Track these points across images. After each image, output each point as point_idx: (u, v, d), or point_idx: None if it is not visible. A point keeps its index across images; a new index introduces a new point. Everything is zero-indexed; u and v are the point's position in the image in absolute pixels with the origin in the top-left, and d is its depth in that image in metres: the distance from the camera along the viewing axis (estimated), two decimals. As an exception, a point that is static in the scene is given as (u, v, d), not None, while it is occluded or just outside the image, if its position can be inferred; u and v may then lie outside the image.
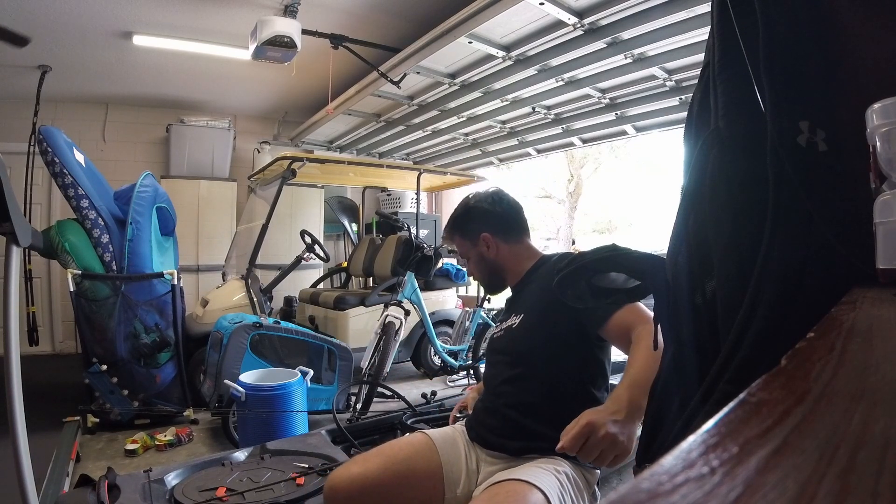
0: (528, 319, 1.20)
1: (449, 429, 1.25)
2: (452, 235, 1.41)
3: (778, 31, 0.61)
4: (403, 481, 1.06)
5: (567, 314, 1.09)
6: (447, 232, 1.42)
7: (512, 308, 1.32)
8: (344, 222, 5.19)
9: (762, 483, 0.15)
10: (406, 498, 1.06)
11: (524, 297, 1.29)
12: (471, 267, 1.39)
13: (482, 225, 1.35)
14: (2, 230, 1.32)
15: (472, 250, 1.36)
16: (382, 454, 1.12)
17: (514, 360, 1.18)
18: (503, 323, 1.31)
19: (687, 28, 2.29)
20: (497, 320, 1.49)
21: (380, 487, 1.04)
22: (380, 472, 1.06)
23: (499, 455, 1.11)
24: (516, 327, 1.21)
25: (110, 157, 4.61)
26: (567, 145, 4.39)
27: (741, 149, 0.64)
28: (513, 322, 1.24)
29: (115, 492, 1.39)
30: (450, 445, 1.15)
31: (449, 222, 1.41)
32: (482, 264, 1.36)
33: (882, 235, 0.50)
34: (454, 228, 1.40)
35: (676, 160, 5.79)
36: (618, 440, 0.86)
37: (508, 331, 1.24)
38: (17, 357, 1.39)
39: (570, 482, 1.00)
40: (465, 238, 1.37)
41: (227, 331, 2.59)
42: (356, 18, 3.08)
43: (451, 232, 1.41)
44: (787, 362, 0.30)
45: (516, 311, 1.27)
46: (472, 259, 1.37)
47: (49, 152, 2.60)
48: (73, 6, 2.90)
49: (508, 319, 1.28)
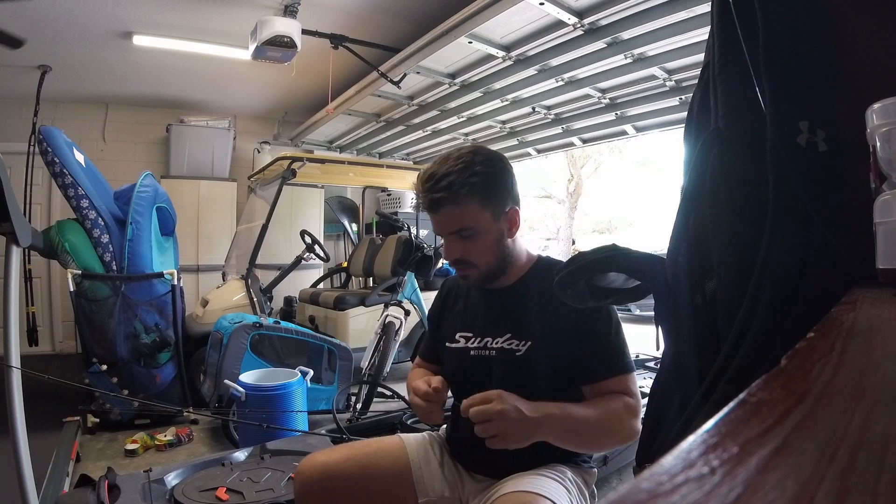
0: (537, 349, 0.98)
1: (421, 435, 1.16)
2: (461, 199, 0.96)
3: (778, 31, 0.61)
4: (365, 473, 1.02)
5: (576, 353, 0.98)
6: (448, 190, 0.95)
7: (502, 322, 1.04)
8: (344, 222, 5.19)
9: (762, 483, 0.15)
10: (371, 492, 1.02)
11: (525, 312, 1.02)
12: (475, 249, 0.99)
13: (512, 194, 1.02)
14: (2, 230, 1.32)
15: (491, 226, 0.99)
16: (348, 446, 1.09)
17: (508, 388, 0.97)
18: (488, 339, 1.03)
19: (687, 28, 2.29)
20: (454, 323, 1.12)
21: (342, 475, 1.01)
22: (342, 461, 1.02)
23: (487, 477, 1.04)
24: (522, 356, 0.99)
25: (110, 157, 4.61)
26: (567, 145, 4.39)
27: (741, 149, 0.64)
28: (513, 345, 1.00)
29: (115, 492, 1.39)
30: (422, 448, 1.10)
31: (459, 176, 0.95)
32: (497, 249, 1.01)
33: (882, 235, 0.50)
34: (474, 190, 0.96)
35: (676, 160, 5.79)
36: (508, 416, 0.79)
37: (505, 355, 1.01)
38: (17, 357, 1.39)
39: (574, 487, 1.00)
40: (486, 207, 0.97)
41: (227, 331, 2.59)
42: (356, 18, 3.08)
43: (461, 192, 0.95)
44: (787, 362, 0.30)
45: (514, 330, 1.01)
46: (483, 239, 0.99)
47: (49, 152, 2.60)
48: (73, 6, 2.90)
49: (498, 335, 1.02)
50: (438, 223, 1.01)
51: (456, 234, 0.99)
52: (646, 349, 3.50)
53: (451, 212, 0.97)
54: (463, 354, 1.06)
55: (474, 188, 0.96)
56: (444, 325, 1.16)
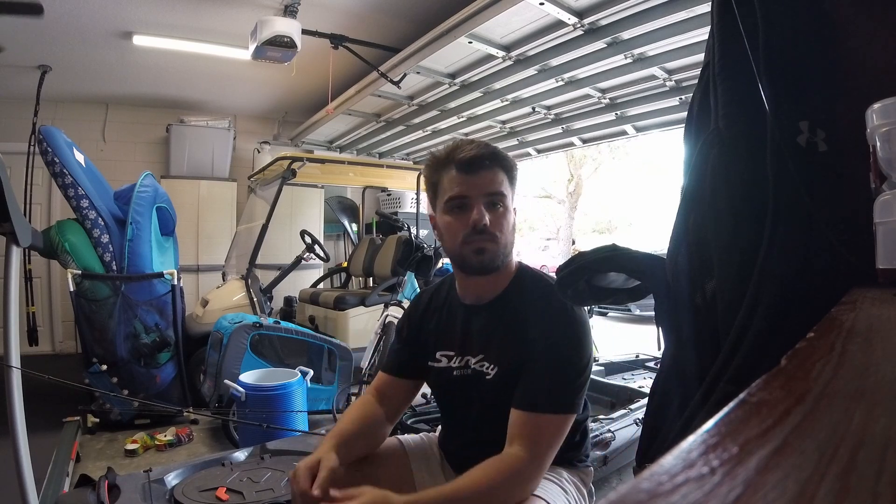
0: (504, 375, 0.96)
1: (419, 436, 1.16)
2: (500, 166, 0.99)
3: (778, 31, 0.61)
4: (366, 478, 0.96)
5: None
6: (494, 153, 0.98)
7: (477, 342, 1.01)
8: (344, 222, 5.19)
9: (762, 483, 0.15)
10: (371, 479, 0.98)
11: (500, 334, 0.99)
12: (502, 222, 0.98)
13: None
14: (2, 230, 1.32)
15: (511, 208, 1.01)
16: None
17: (490, 408, 0.98)
18: (469, 357, 1.02)
19: (687, 28, 2.29)
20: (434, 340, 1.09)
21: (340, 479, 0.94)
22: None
23: None
24: (490, 381, 0.98)
25: (110, 157, 4.61)
26: (567, 145, 4.39)
27: (741, 149, 0.64)
28: (484, 367, 0.99)
29: (115, 492, 1.39)
30: (421, 450, 1.10)
31: (490, 150, 0.99)
32: (513, 234, 1.01)
33: (882, 235, 0.50)
34: (507, 167, 1.00)
35: (676, 160, 5.80)
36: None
37: (479, 377, 0.99)
38: (17, 357, 1.39)
39: (572, 486, 1.00)
40: (511, 189, 1.01)
41: (227, 331, 2.59)
42: (356, 18, 3.08)
43: (503, 160, 0.99)
44: (787, 362, 0.30)
45: (486, 352, 0.99)
46: (508, 216, 0.99)
47: (49, 152, 2.60)
48: (73, 6, 2.90)
49: (473, 355, 1.01)
50: (474, 184, 0.96)
51: (488, 200, 0.97)
52: (646, 349, 3.50)
53: (491, 174, 0.97)
54: (446, 375, 1.04)
55: (507, 165, 1.00)
56: (421, 339, 1.10)
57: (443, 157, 1.00)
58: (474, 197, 0.96)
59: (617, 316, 7.92)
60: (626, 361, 3.28)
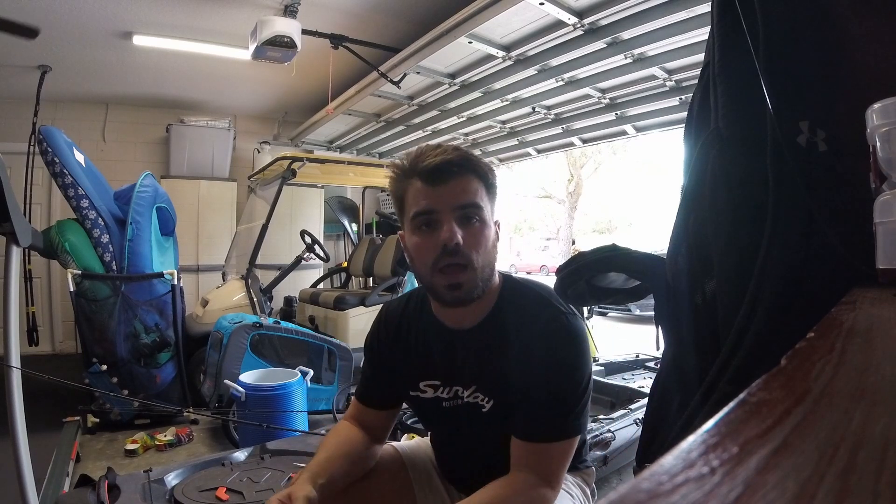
0: (501, 406, 0.88)
1: (415, 442, 1.13)
2: (471, 172, 0.85)
3: (778, 31, 0.61)
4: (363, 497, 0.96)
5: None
6: (463, 159, 0.85)
7: (467, 371, 0.90)
8: (344, 222, 5.19)
9: (762, 483, 0.15)
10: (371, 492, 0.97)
11: (490, 362, 0.88)
12: (477, 239, 0.84)
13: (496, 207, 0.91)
14: (2, 230, 1.32)
15: (490, 221, 0.87)
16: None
17: (488, 436, 0.91)
18: (458, 388, 0.91)
19: (687, 28, 2.29)
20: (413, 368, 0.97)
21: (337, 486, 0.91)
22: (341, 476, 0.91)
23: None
24: (487, 413, 0.89)
25: (110, 157, 4.61)
26: (567, 145, 4.39)
27: (741, 149, 0.64)
28: (478, 399, 0.90)
29: (115, 492, 1.39)
30: (419, 458, 1.07)
31: (459, 154, 0.85)
32: (492, 253, 0.87)
33: (882, 235, 0.50)
34: (481, 174, 0.86)
35: (676, 160, 5.79)
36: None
37: (475, 410, 0.90)
38: (17, 357, 1.39)
39: (576, 488, 1.00)
40: (489, 199, 0.87)
41: (227, 331, 2.59)
42: (356, 18, 3.08)
43: (474, 166, 0.85)
44: (787, 362, 0.30)
45: (479, 383, 0.89)
46: (486, 231, 0.85)
47: (49, 152, 2.60)
48: (73, 6, 2.90)
49: (465, 386, 0.91)
50: (442, 195, 0.82)
51: (461, 214, 0.82)
52: (646, 349, 3.50)
53: (463, 182, 0.83)
54: (434, 405, 0.94)
55: (481, 172, 0.86)
56: (397, 367, 0.98)
57: (405, 166, 0.86)
58: (443, 211, 0.82)
59: (617, 316, 7.91)
60: (626, 361, 3.28)
